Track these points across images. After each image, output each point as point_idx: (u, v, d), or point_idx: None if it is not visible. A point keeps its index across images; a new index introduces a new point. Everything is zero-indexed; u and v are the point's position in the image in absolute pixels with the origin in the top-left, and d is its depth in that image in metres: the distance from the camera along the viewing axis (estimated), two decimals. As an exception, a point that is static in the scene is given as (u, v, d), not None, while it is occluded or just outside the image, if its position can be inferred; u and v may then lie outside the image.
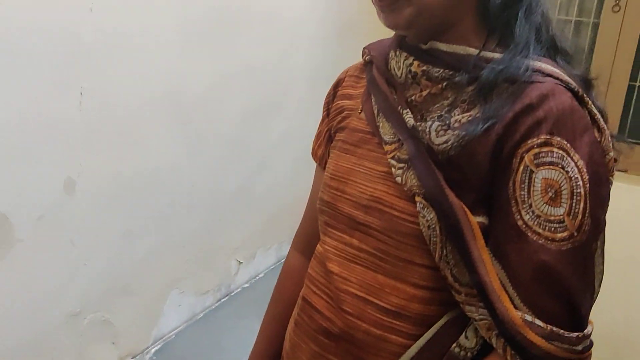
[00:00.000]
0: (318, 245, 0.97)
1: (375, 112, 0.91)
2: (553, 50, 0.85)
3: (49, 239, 1.51)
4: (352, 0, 2.27)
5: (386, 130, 0.88)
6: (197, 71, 1.80)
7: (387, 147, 0.87)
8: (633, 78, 2.75)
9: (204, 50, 1.80)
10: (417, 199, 0.81)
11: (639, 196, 2.62)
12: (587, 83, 0.83)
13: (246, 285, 2.35)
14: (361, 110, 0.95)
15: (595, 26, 2.79)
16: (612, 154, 0.80)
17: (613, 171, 0.82)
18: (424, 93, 0.84)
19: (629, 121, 2.80)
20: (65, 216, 1.53)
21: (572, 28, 2.86)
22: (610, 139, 0.80)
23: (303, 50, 2.27)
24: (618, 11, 2.70)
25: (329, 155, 1.02)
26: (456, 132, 0.78)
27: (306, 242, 1.10)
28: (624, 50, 2.72)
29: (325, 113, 1.06)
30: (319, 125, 1.09)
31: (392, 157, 0.86)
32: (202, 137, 1.90)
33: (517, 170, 0.75)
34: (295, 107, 2.19)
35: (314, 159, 1.10)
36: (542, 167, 0.74)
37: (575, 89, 0.78)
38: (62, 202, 1.51)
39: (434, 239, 0.79)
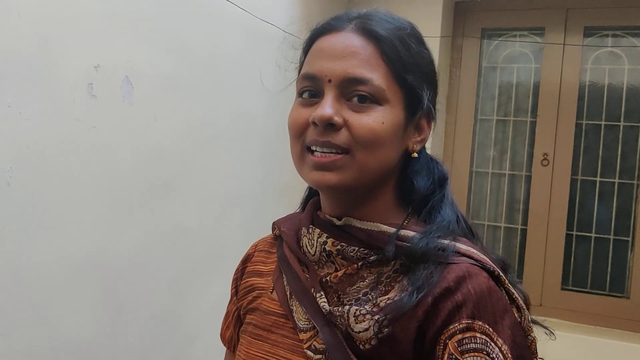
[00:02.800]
0: None
1: (288, 293, 0.85)
2: (471, 234, 0.85)
3: None
4: (292, 162, 2.30)
5: (300, 315, 0.82)
6: (124, 237, 1.73)
7: (302, 335, 0.80)
8: (570, 227, 2.82)
9: (132, 215, 1.75)
10: None
11: (587, 345, 2.57)
12: (503, 266, 0.81)
13: None
14: (273, 290, 0.89)
15: (528, 179, 2.90)
16: (533, 334, 0.77)
17: (536, 353, 0.78)
18: (340, 273, 0.80)
19: (571, 270, 2.83)
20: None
21: (506, 181, 2.97)
22: (530, 320, 0.77)
23: (240, 212, 2.25)
24: (547, 165, 2.83)
25: (238, 339, 0.94)
26: (376, 317, 0.74)
27: None
28: (557, 200, 2.82)
29: (233, 291, 1.00)
30: (228, 305, 1.02)
31: (309, 347, 0.79)
32: (128, 307, 1.78)
33: (442, 358, 0.71)
34: (232, 271, 2.13)
35: (222, 342, 1.01)
36: (467, 355, 0.70)
37: (491, 269, 0.76)
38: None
39: None
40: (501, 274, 0.77)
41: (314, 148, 0.78)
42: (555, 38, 2.81)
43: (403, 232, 0.79)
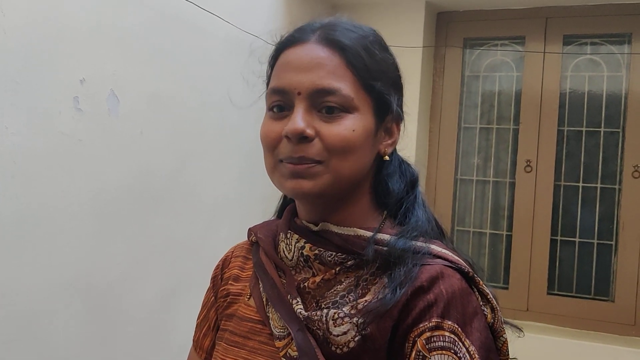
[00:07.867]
0: None
1: (264, 300, 0.85)
2: (442, 236, 0.86)
3: None
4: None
5: (276, 322, 0.81)
6: (112, 250, 1.73)
7: (278, 343, 0.80)
8: (554, 232, 2.86)
9: (120, 228, 1.75)
10: None
11: (567, 348, 2.60)
12: (473, 268, 0.82)
13: None
14: (250, 296, 0.89)
15: (512, 185, 2.94)
16: (505, 336, 0.78)
17: (508, 354, 0.79)
18: (317, 279, 0.80)
19: (556, 274, 2.86)
20: None
21: (490, 188, 3.00)
22: (502, 321, 0.78)
23: (227, 223, 2.25)
24: (530, 171, 2.87)
25: None
26: (354, 319, 0.74)
27: None
28: (541, 206, 2.85)
29: (213, 298, 0.98)
30: (203, 308, 0.99)
31: (284, 355, 0.79)
32: (117, 321, 1.77)
33: (410, 355, 0.72)
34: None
35: (197, 351, 0.97)
36: (434, 352, 0.71)
37: (466, 270, 0.78)
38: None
39: None
40: (475, 275, 0.78)
41: (288, 163, 0.79)
42: (536, 47, 2.86)
43: (379, 235, 0.80)
